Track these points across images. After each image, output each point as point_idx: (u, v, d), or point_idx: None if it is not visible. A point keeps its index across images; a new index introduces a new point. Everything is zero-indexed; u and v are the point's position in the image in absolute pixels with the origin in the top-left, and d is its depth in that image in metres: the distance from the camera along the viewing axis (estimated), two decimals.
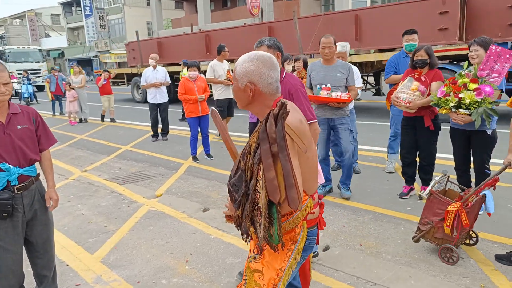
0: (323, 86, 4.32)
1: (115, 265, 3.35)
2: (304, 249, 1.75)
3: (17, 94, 19.12)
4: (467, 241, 3.32)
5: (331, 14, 11.40)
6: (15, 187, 2.39)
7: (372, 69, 10.85)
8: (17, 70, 24.16)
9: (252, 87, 1.69)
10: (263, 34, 12.25)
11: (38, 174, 2.57)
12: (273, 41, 2.75)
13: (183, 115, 10.62)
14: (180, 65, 12.60)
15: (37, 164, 2.57)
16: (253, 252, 1.75)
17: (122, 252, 3.57)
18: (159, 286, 3.01)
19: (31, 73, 24.44)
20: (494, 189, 3.11)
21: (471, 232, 3.29)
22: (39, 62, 27.93)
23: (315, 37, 10.17)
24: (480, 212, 3.21)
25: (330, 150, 4.93)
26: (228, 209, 1.79)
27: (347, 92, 4.36)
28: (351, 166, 4.57)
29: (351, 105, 5.14)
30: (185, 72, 10.54)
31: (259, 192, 1.48)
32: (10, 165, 2.35)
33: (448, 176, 3.45)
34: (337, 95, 4.24)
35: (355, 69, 5.10)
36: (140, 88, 15.75)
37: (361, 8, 11.35)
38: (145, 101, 14.52)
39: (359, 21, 10.03)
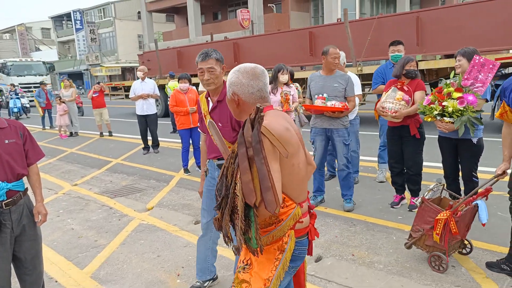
0: (319, 95, 4.36)
1: (105, 280, 3.30)
2: (294, 259, 1.74)
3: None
4: (461, 250, 3.33)
5: (387, 17, 10.28)
6: (3, 203, 2.36)
7: (437, 77, 9.58)
8: (20, 84, 22.54)
9: (235, 97, 1.76)
10: (302, 41, 11.19)
11: (26, 189, 2.55)
12: (219, 54, 2.63)
13: (174, 127, 10.61)
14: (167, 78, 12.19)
15: (25, 179, 2.54)
16: (243, 262, 1.75)
17: (112, 267, 3.52)
18: None
19: (34, 87, 23.26)
20: (486, 199, 3.13)
21: (465, 241, 3.30)
22: (42, 75, 26.36)
23: (369, 43, 9.43)
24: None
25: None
26: None
27: (345, 102, 4.34)
28: (346, 178, 4.50)
29: (352, 116, 5.14)
30: (170, 85, 10.55)
31: (238, 195, 1.51)
32: None
33: (444, 185, 3.47)
34: (332, 104, 4.26)
35: (355, 79, 5.13)
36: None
37: (425, 9, 10.04)
38: (164, 115, 13.58)
39: (421, 24, 9.01)
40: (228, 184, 1.57)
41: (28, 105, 18.99)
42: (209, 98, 2.74)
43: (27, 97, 19.88)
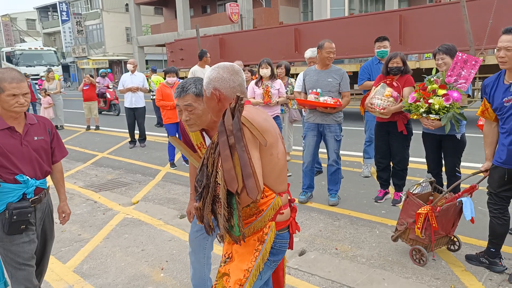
0: (313, 90, 4.35)
1: (88, 274, 3.28)
2: (275, 253, 1.75)
3: None
4: (450, 247, 3.37)
5: None
6: (30, 200, 2.31)
7: None
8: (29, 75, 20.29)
9: (216, 92, 1.76)
10: (388, 27, 9.18)
11: (49, 187, 2.52)
12: (201, 87, 2.08)
13: (160, 121, 10.51)
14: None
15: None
16: (224, 256, 1.76)
17: (96, 261, 3.50)
18: None
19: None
20: (471, 196, 3.18)
21: (453, 237, 3.33)
22: (54, 65, 23.61)
23: (491, 27, 7.43)
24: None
25: None
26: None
27: (340, 98, 4.35)
28: (335, 173, 4.54)
29: None
30: (153, 79, 10.48)
31: (219, 184, 1.53)
32: (27, 177, 2.28)
33: (434, 181, 3.50)
34: (325, 100, 4.26)
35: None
36: None
37: None
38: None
39: None
40: (209, 173, 1.59)
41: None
42: (203, 133, 2.34)
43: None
